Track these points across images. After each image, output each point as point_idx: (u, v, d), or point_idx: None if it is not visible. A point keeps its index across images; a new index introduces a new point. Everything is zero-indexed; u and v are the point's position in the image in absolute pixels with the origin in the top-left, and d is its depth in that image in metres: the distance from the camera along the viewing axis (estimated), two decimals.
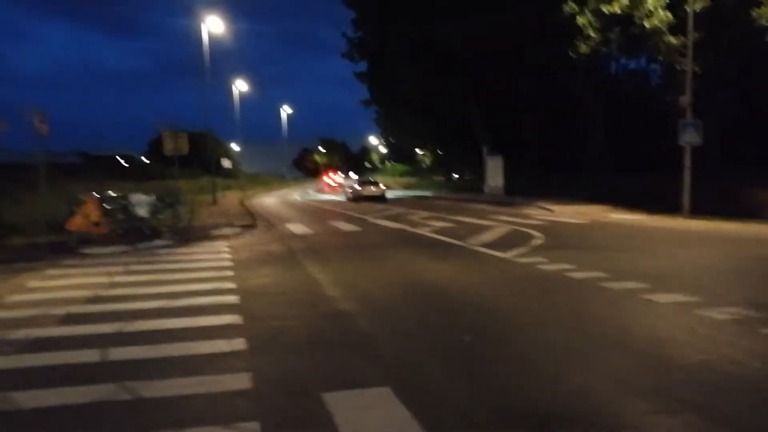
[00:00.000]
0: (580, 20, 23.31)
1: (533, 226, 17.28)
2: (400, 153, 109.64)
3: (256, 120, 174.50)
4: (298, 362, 5.76)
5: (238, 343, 6.41)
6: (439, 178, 73.56)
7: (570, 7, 23.91)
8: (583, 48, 23.81)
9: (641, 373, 5.21)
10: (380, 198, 37.34)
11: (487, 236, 15.17)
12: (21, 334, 7.08)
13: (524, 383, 5.06)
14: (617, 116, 36.38)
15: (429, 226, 18.31)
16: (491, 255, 12.12)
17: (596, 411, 4.46)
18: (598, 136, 34.62)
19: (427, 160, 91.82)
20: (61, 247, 14.58)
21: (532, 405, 4.59)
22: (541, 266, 10.52)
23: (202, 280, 10.19)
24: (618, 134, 36.16)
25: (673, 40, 21.06)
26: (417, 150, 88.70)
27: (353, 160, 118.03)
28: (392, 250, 13.38)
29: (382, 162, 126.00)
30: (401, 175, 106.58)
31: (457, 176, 62.30)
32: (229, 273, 10.90)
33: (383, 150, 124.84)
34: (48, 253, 13.81)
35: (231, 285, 9.75)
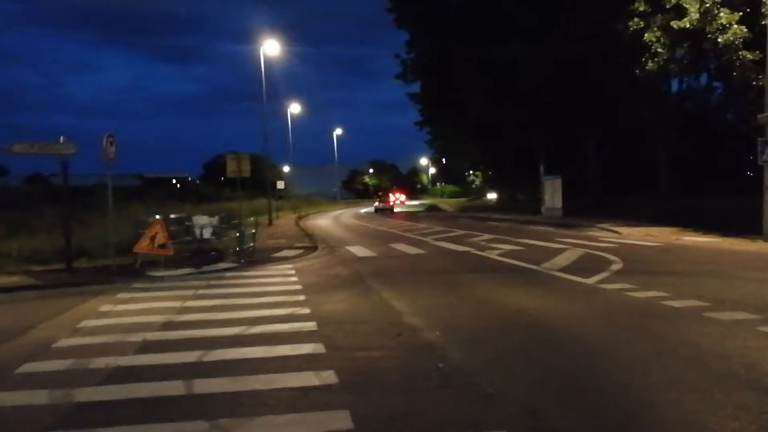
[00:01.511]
0: (648, 36, 22.61)
1: (605, 249, 16.58)
2: (449, 173, 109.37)
3: (307, 143, 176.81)
4: (399, 400, 5.33)
5: (328, 377, 6.02)
6: (491, 199, 72.76)
7: (635, 23, 23.24)
8: (650, 65, 23.06)
9: None
10: (390, 210, 57.77)
11: (561, 260, 14.55)
12: (100, 363, 6.84)
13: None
14: (681, 136, 35.27)
15: (496, 249, 17.76)
16: (572, 281, 11.52)
17: None
18: (662, 157, 33.51)
19: (478, 181, 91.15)
20: (129, 270, 14.54)
21: None
22: (630, 293, 9.89)
23: (275, 305, 9.90)
24: (682, 154, 35.06)
25: (748, 55, 20.18)
26: (468, 171, 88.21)
27: (403, 181, 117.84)
28: (465, 276, 12.90)
29: (433, 183, 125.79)
30: (450, 195, 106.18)
31: (509, 197, 61.32)
32: (301, 297, 10.60)
33: (433, 171, 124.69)
34: (116, 276, 13.77)
35: (305, 310, 9.42)
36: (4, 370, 6.70)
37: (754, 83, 20.58)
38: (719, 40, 20.37)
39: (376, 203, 65.01)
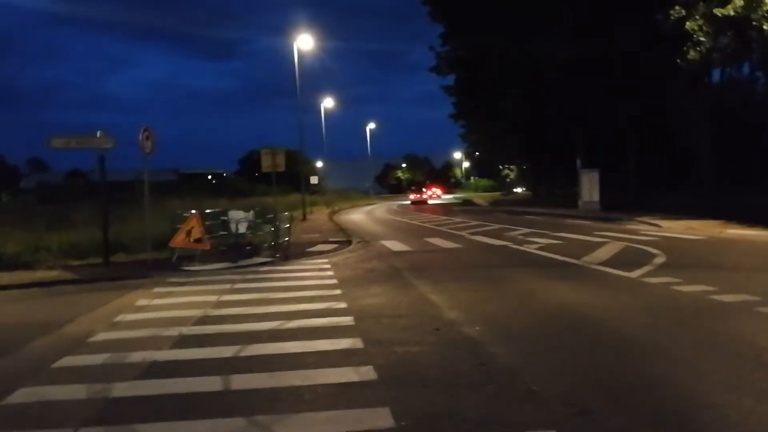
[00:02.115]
0: (690, 25, 22.00)
1: (647, 242, 16.14)
2: (483, 167, 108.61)
3: (341, 138, 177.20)
4: (440, 397, 5.15)
5: (367, 372, 5.87)
6: (526, 193, 72.03)
7: (676, 11, 22.64)
8: (692, 54, 22.47)
9: None
10: (424, 202, 63.13)
11: (602, 254, 14.20)
12: (138, 357, 6.79)
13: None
14: (723, 128, 34.36)
15: (533, 243, 17.43)
16: (615, 275, 11.19)
17: None
18: (703, 150, 32.64)
19: (512, 175, 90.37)
20: (165, 264, 14.58)
21: None
22: (676, 287, 9.55)
23: (311, 299, 9.79)
24: (724, 147, 34.12)
25: None
26: (502, 165, 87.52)
27: (436, 175, 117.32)
28: (504, 270, 12.65)
29: (467, 177, 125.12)
30: (485, 189, 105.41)
31: (545, 191, 60.56)
32: (337, 292, 10.47)
33: (467, 165, 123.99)
34: (153, 270, 13.80)
35: (342, 305, 9.29)
36: (42, 364, 6.69)
37: None
38: (764, 27, 19.72)
39: (412, 196, 69.67)
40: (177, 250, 15.14)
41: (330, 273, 12.88)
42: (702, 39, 22.10)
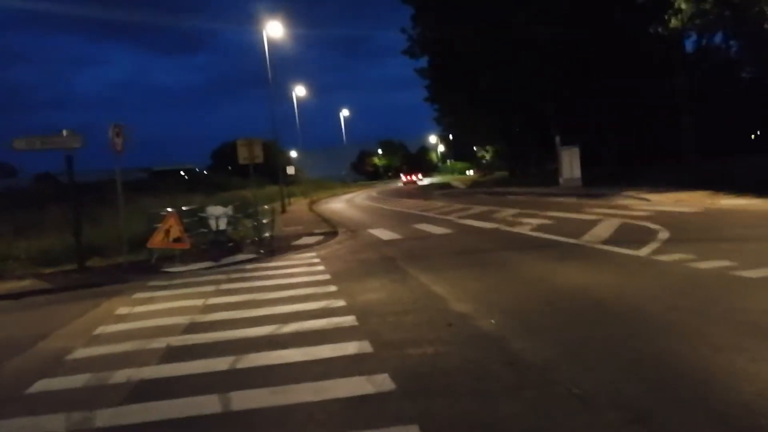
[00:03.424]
0: None
1: (642, 218, 15.66)
2: (459, 150, 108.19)
3: (314, 127, 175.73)
4: (473, 407, 4.53)
5: (383, 382, 5.23)
6: (503, 173, 71.66)
7: None
8: (674, 22, 22.01)
9: None
10: (415, 184, 77.03)
11: (600, 231, 13.67)
12: (122, 376, 6.09)
13: None
14: (701, 98, 34.12)
15: (525, 224, 16.86)
16: (623, 254, 10.63)
17: None
18: (685, 120, 32.33)
19: (488, 156, 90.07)
20: (144, 267, 13.81)
21: None
22: (692, 264, 9.02)
23: (306, 298, 9.12)
24: (701, 117, 33.86)
25: None
26: (477, 146, 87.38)
27: (412, 159, 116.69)
28: (502, 254, 12.05)
29: (443, 160, 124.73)
30: (461, 172, 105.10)
31: (521, 170, 60.21)
32: (332, 288, 9.81)
33: (442, 148, 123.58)
34: (131, 274, 13.03)
35: (340, 302, 8.63)
36: (15, 390, 5.97)
37: None
38: None
39: (405, 178, 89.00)
40: (156, 251, 14.40)
41: (321, 267, 12.20)
42: (683, 6, 21.63)
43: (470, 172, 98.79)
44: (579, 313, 7.06)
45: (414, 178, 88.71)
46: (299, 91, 54.33)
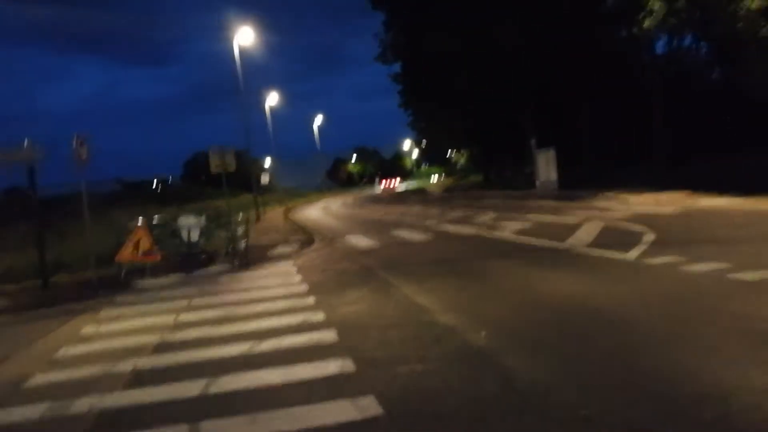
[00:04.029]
0: None
1: (624, 220, 15.40)
2: (433, 155, 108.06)
3: (289, 136, 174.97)
4: None
5: (369, 406, 4.79)
6: (477, 178, 71.56)
7: None
8: (648, 23, 21.88)
9: None
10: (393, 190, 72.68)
11: (583, 235, 13.35)
12: (84, 405, 5.58)
13: None
14: (674, 98, 34.19)
15: (505, 228, 16.51)
16: (610, 258, 10.29)
17: None
18: (657, 120, 32.36)
19: (462, 160, 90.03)
20: (112, 282, 13.20)
21: None
22: (684, 268, 8.69)
23: (282, 312, 8.64)
24: (673, 118, 33.94)
25: (753, 4, 19.02)
26: (450, 151, 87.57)
27: (387, 166, 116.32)
28: (486, 261, 11.66)
29: (417, 166, 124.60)
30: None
31: (496, 174, 60.16)
32: (310, 300, 9.34)
33: (416, 154, 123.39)
34: (99, 290, 12.41)
35: (319, 316, 8.18)
36: None
37: (759, 35, 19.45)
38: None
39: (382, 185, 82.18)
40: (125, 266, 13.80)
41: (298, 278, 11.71)
42: (656, 8, 21.52)
43: (434, 177, 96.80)
44: (575, 324, 6.67)
45: (393, 184, 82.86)
46: (272, 99, 53.75)
